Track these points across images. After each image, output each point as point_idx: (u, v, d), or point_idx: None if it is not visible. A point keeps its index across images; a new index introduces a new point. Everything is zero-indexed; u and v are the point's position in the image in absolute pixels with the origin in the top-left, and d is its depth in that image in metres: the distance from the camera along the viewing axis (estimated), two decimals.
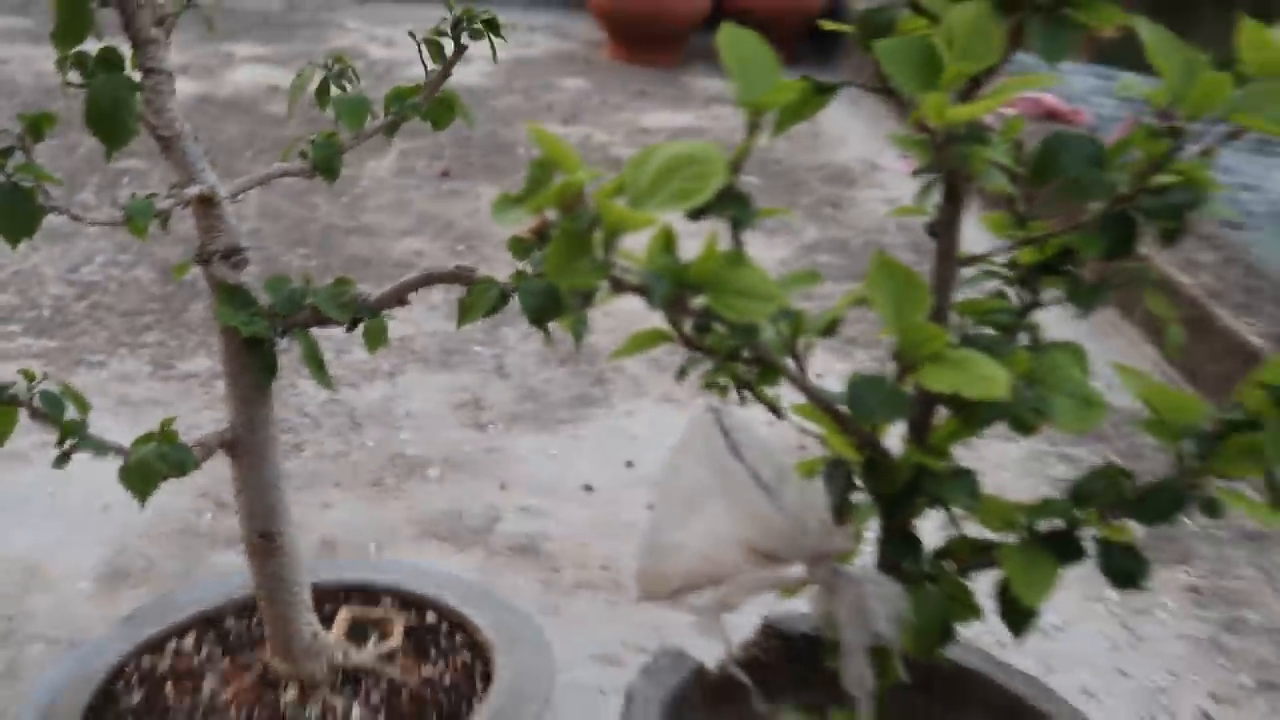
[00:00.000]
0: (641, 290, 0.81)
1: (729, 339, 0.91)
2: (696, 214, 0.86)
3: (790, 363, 0.98)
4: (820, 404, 0.99)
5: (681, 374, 0.95)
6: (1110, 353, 3.03)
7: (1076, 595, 2.10)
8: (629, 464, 2.44)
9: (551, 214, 0.81)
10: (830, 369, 2.81)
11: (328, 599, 1.74)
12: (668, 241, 0.85)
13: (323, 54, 1.54)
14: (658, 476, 1.11)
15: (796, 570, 1.07)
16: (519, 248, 1.25)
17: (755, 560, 1.05)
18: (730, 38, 0.90)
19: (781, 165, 4.07)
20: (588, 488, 2.36)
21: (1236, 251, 3.03)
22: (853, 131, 4.50)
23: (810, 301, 3.15)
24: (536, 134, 0.80)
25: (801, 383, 0.97)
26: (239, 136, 4.10)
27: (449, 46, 1.57)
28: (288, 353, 2.23)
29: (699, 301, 0.85)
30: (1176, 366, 2.83)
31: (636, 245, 0.84)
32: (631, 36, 5.20)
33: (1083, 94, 4.77)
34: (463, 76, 4.71)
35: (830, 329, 0.97)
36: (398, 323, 2.82)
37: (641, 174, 0.81)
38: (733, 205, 0.89)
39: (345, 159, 1.56)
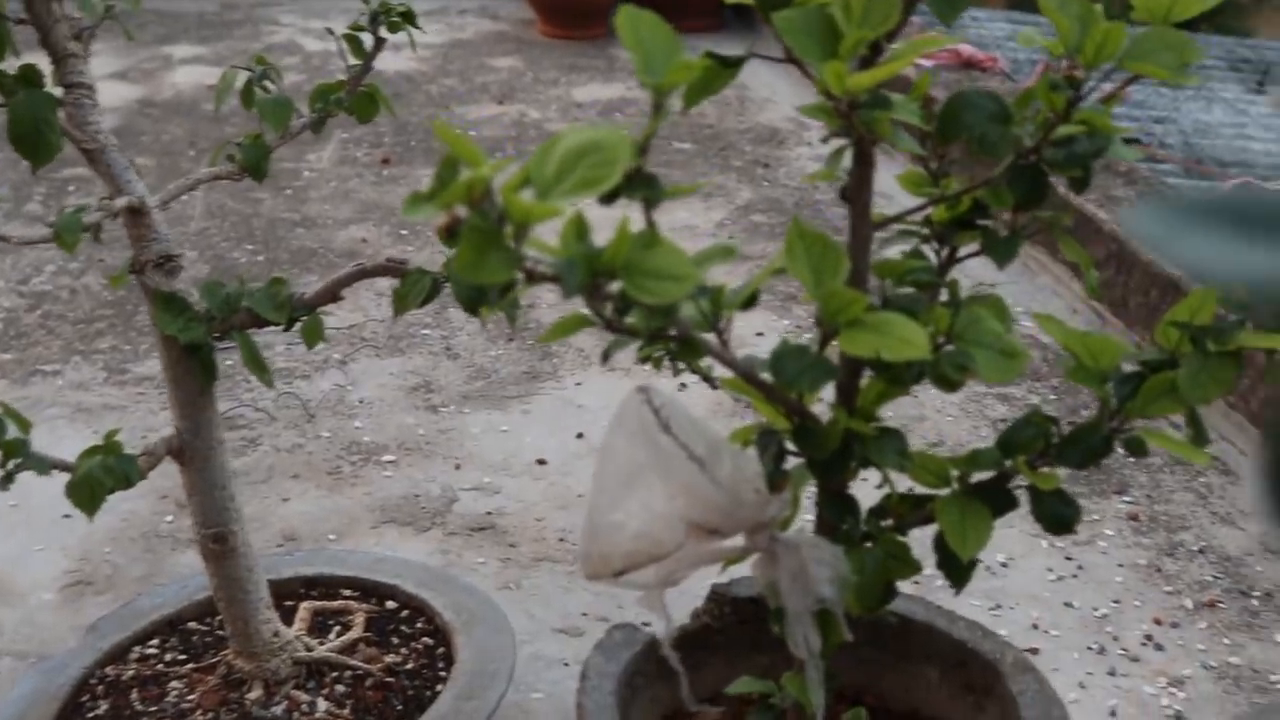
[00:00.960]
0: (555, 280, 0.83)
1: (649, 320, 0.92)
2: (607, 198, 0.87)
3: (713, 338, 0.99)
4: (746, 376, 1.01)
5: (605, 357, 0.96)
6: (1040, 290, 3.07)
7: (1020, 532, 2.13)
8: (579, 435, 2.45)
9: (462, 210, 0.82)
10: (772, 327, 2.83)
11: (288, 594, 1.76)
12: (580, 228, 0.86)
13: (259, 50, 1.55)
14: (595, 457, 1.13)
15: (737, 541, 1.09)
16: (447, 236, 1.25)
17: (695, 535, 1.06)
18: (628, 19, 0.91)
19: (712, 129, 4.08)
20: (540, 462, 2.38)
21: (1152, 186, 3.07)
22: (779, 92, 4.51)
23: (747, 262, 3.18)
24: (440, 131, 0.80)
25: (725, 357, 0.99)
26: (181, 137, 4.08)
27: (369, 41, 1.58)
28: (237, 349, 2.23)
29: (615, 286, 0.86)
30: (1104, 300, 2.86)
31: (552, 233, 0.86)
32: (559, 12, 5.19)
33: (998, 40, 4.79)
34: (398, 63, 4.70)
35: (750, 302, 0.99)
36: (346, 311, 2.84)
37: (546, 164, 0.82)
38: (642, 187, 0.90)
39: (286, 152, 1.57)
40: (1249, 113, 4.45)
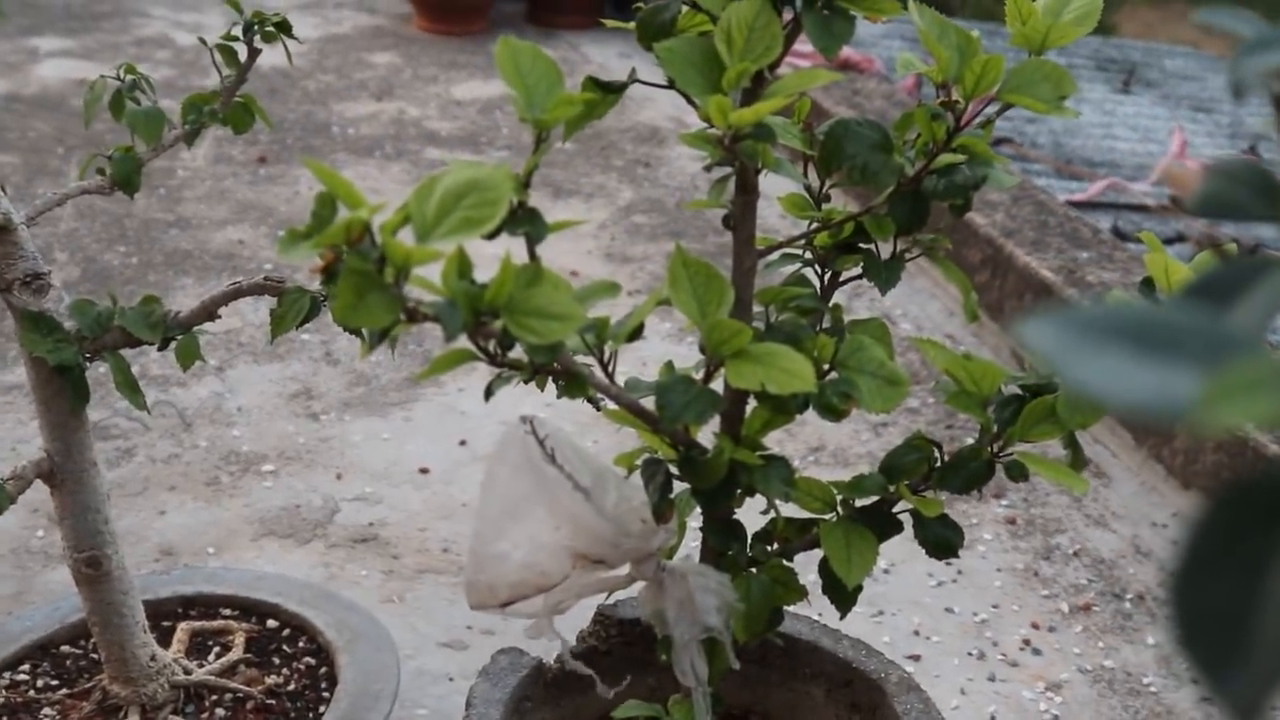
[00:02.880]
0: (437, 320, 0.81)
1: (534, 355, 0.91)
2: (490, 235, 0.86)
3: (598, 372, 0.98)
4: (631, 408, 1.00)
5: (488, 394, 0.95)
6: (917, 294, 3.10)
7: (902, 538, 2.15)
8: (462, 443, 2.44)
9: (339, 250, 0.80)
10: (656, 329, 2.84)
11: (165, 614, 1.72)
12: (462, 266, 0.84)
13: (129, 44, 1.51)
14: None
15: (623, 571, 1.09)
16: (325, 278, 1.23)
17: (581, 564, 1.06)
18: (507, 52, 0.90)
19: (593, 129, 4.07)
20: (423, 470, 2.36)
21: (1026, 190, 3.12)
22: (659, 91, 4.51)
23: (629, 264, 3.18)
24: (315, 169, 0.79)
25: (610, 391, 0.98)
26: (49, 134, 3.97)
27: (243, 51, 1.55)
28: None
29: (499, 324, 0.85)
30: (980, 304, 2.90)
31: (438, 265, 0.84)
32: (438, 7, 5.14)
33: (874, 38, 4.84)
34: (274, 58, 4.61)
35: (635, 335, 0.98)
36: (224, 315, 2.78)
37: (426, 204, 0.80)
38: (525, 223, 0.89)
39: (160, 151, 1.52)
40: (1115, 113, 4.54)
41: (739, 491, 1.06)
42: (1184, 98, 4.84)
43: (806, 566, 1.16)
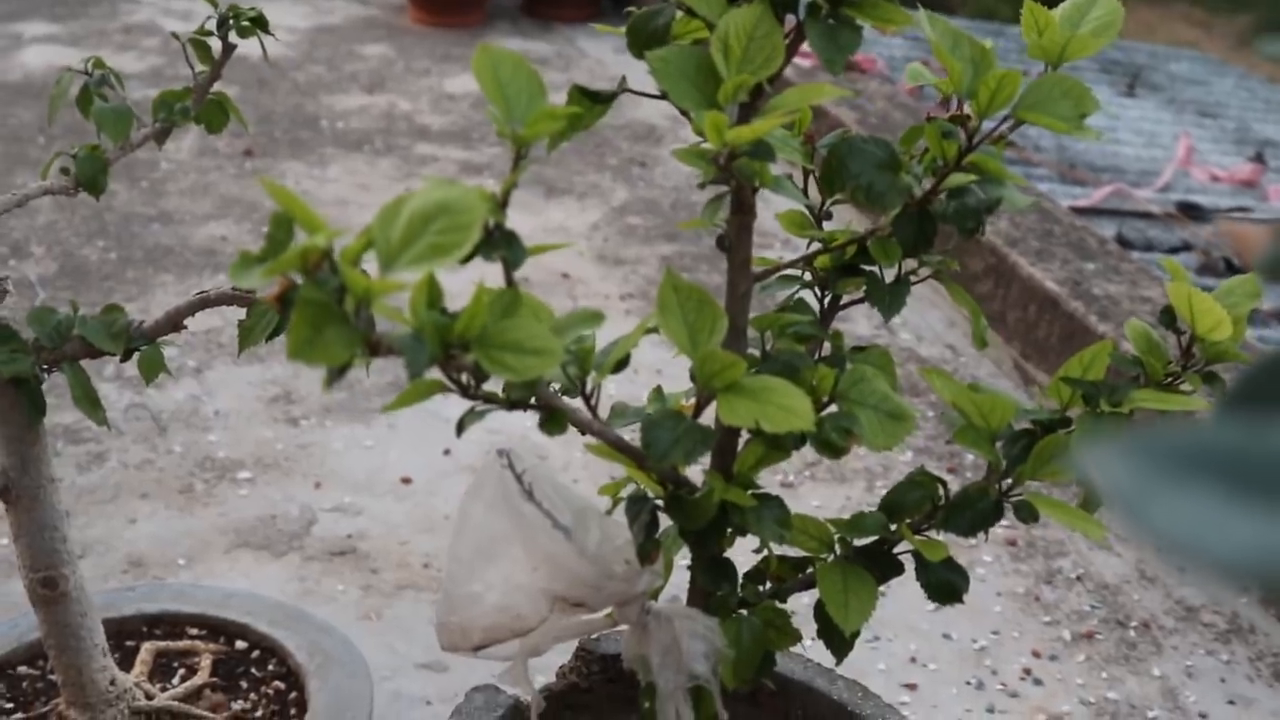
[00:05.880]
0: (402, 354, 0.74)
1: (509, 390, 0.84)
2: (463, 260, 0.78)
3: (580, 405, 0.91)
4: (616, 445, 0.93)
5: (460, 429, 0.87)
6: (918, 301, 3.03)
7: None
8: (446, 452, 2.36)
9: (296, 276, 0.73)
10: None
11: (129, 633, 1.65)
12: (431, 294, 0.77)
13: (117, 31, 1.43)
14: (477, 468, 1.06)
15: (605, 613, 1.02)
16: (279, 307, 1.16)
17: (560, 607, 0.99)
18: (486, 60, 0.83)
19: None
20: (405, 480, 2.28)
21: (1031, 196, 3.05)
22: (656, 86, 4.45)
23: (622, 266, 3.11)
24: (271, 189, 0.71)
25: (593, 428, 0.91)
26: (31, 122, 3.89)
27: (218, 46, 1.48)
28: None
29: (470, 359, 0.77)
30: (985, 314, 2.84)
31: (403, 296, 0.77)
32: None
33: (875, 35, 4.76)
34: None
35: (620, 366, 0.91)
36: (204, 315, 2.70)
37: (392, 229, 0.73)
38: (502, 246, 0.81)
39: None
40: (1120, 117, 4.46)
41: (730, 531, 0.99)
42: (1189, 102, 4.77)
43: (798, 600, 1.09)
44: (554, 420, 0.87)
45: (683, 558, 1.06)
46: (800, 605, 1.09)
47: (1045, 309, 2.58)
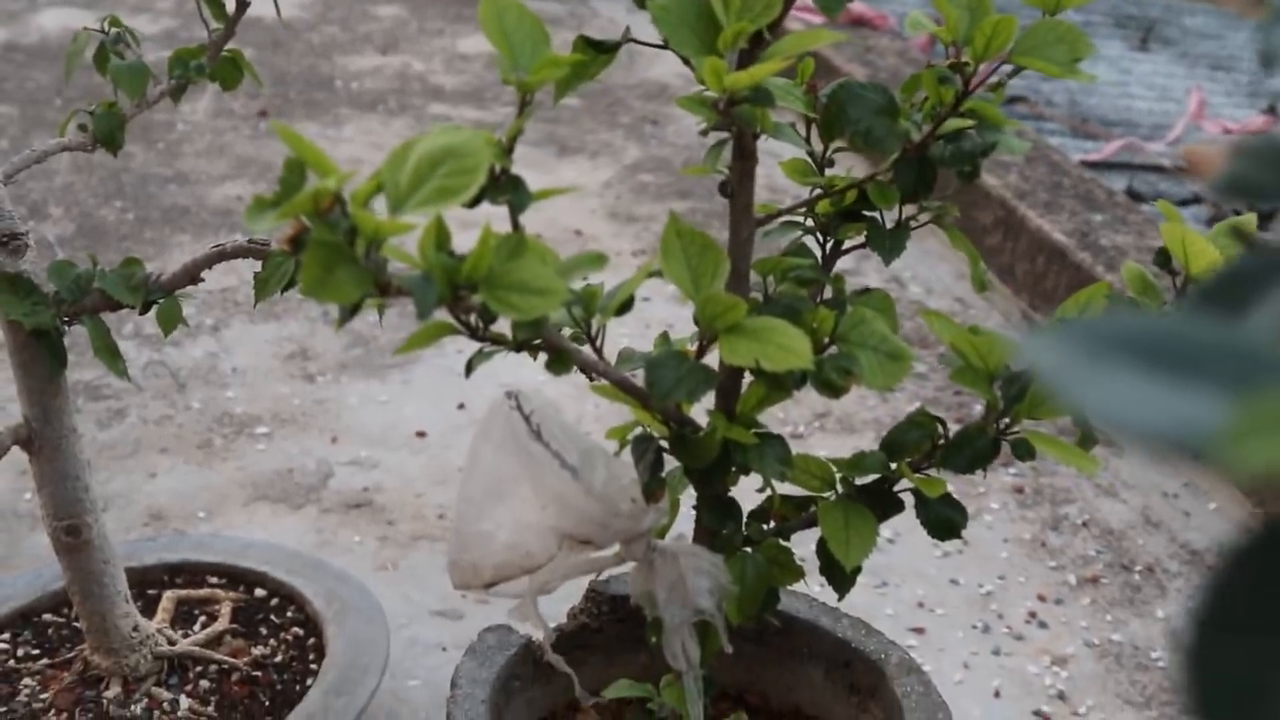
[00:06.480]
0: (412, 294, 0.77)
1: (516, 330, 0.87)
2: (470, 204, 0.81)
3: (586, 349, 0.94)
4: (621, 385, 0.96)
5: (469, 369, 0.90)
6: (927, 255, 3.04)
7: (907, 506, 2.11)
8: (461, 406, 2.39)
9: (308, 221, 0.75)
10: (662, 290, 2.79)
11: (151, 582, 1.69)
12: (440, 236, 0.80)
13: None
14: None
15: (612, 551, 1.04)
16: (292, 249, 1.19)
17: (568, 545, 1.02)
18: (492, 9, 0.85)
19: (599, 84, 4.00)
20: (420, 434, 2.31)
21: (1040, 150, 3.06)
22: (660, 37, 4.45)
23: (635, 223, 3.13)
24: (282, 132, 0.74)
25: (599, 368, 0.94)
26: (48, 85, 3.92)
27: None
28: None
29: (477, 299, 0.80)
30: (992, 266, 2.85)
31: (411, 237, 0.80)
32: None
33: None
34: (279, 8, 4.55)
35: (625, 308, 0.93)
36: (220, 273, 2.73)
37: (400, 173, 0.76)
38: (508, 190, 0.84)
39: (159, 104, 1.48)
40: (1133, 71, 4.46)
41: (733, 470, 1.01)
42: (1202, 56, 4.77)
43: (803, 541, 1.12)
44: (560, 360, 0.90)
45: (689, 498, 1.09)
46: (809, 553, 1.11)
47: (1053, 260, 2.60)
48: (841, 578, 1.08)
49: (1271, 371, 0.29)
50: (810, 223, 1.12)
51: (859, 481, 1.10)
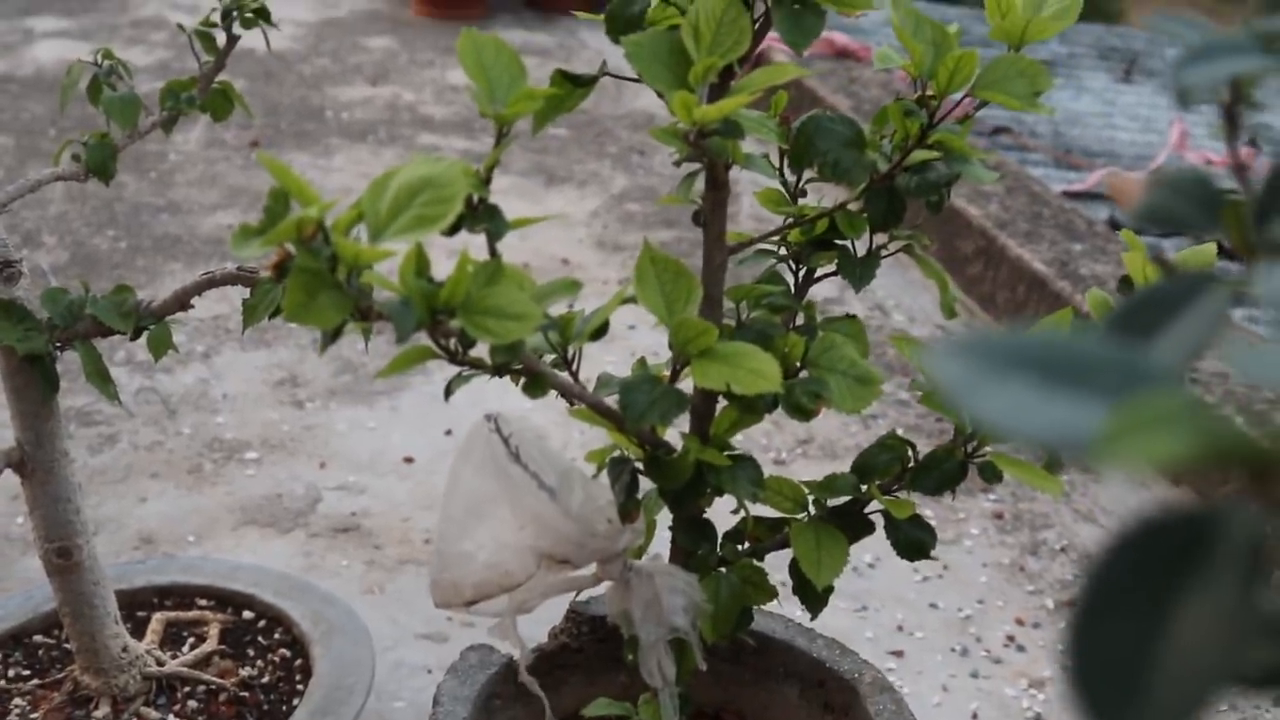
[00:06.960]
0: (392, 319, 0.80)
1: (494, 355, 0.90)
2: (449, 231, 0.84)
3: (562, 372, 0.97)
4: (596, 408, 0.99)
5: (448, 393, 0.93)
6: (910, 285, 3.08)
7: None
8: (448, 432, 2.42)
9: (292, 248, 0.79)
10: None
11: (140, 604, 1.71)
12: (420, 263, 0.83)
13: (126, 25, 1.49)
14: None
15: (589, 571, 1.07)
16: (276, 275, 1.21)
17: (547, 564, 1.04)
18: (469, 44, 0.88)
19: (587, 115, 4.05)
20: (408, 460, 2.34)
21: (1020, 181, 3.10)
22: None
23: (621, 252, 3.16)
24: (268, 164, 0.77)
25: (574, 392, 0.97)
26: (43, 116, 3.96)
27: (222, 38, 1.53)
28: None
29: (455, 324, 0.83)
30: (973, 295, 2.89)
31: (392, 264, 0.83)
32: None
33: (875, 26, 4.81)
34: (272, 42, 4.60)
35: (600, 333, 0.96)
36: (211, 300, 2.77)
37: (380, 202, 0.79)
38: (485, 219, 0.87)
39: (151, 134, 1.51)
40: (1116, 102, 4.51)
41: (708, 491, 1.04)
42: None
43: (778, 565, 1.15)
44: (536, 383, 0.93)
45: (666, 519, 1.12)
46: (788, 576, 1.14)
47: (1034, 289, 2.63)
48: (814, 597, 1.11)
49: (1152, 382, 0.32)
50: (783, 251, 1.15)
51: (830, 503, 1.13)
